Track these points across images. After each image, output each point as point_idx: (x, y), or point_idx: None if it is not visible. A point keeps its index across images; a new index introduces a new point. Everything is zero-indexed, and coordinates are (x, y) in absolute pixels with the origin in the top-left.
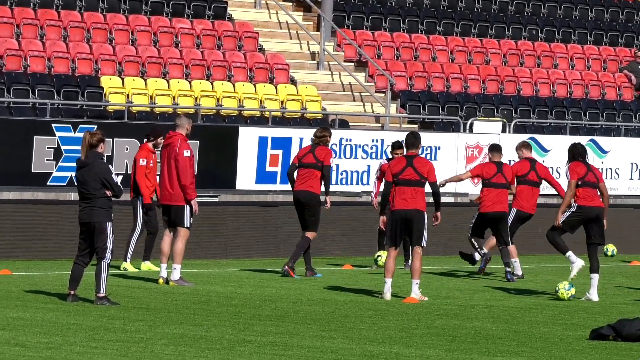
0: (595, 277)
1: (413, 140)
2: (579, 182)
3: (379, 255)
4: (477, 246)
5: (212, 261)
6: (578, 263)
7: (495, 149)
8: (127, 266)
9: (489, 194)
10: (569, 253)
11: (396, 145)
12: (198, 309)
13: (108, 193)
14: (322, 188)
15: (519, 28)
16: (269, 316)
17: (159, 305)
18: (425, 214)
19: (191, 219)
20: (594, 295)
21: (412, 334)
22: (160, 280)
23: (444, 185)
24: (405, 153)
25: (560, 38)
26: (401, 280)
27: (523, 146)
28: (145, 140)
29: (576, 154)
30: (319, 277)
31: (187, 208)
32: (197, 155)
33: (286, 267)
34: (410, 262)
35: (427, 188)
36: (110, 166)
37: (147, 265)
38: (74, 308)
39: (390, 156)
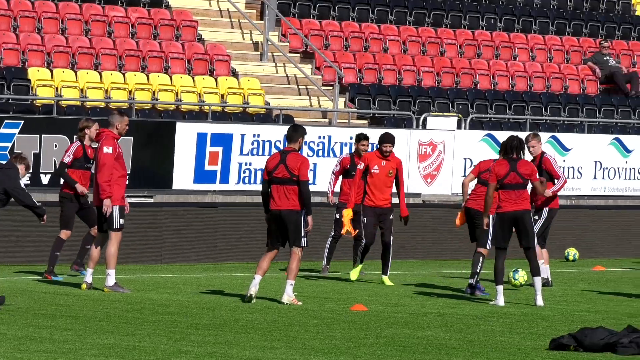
0: (537, 280)
1: (292, 133)
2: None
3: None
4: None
5: (146, 266)
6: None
7: None
8: None
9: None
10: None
11: (362, 137)
12: (131, 318)
13: None
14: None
15: (476, 17)
16: (207, 325)
17: (89, 314)
18: (302, 213)
19: (121, 219)
20: (538, 299)
21: (360, 344)
22: (84, 286)
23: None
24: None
25: (520, 27)
26: (349, 286)
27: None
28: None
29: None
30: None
31: (116, 208)
32: (130, 153)
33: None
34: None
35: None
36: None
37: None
38: None
39: (354, 149)
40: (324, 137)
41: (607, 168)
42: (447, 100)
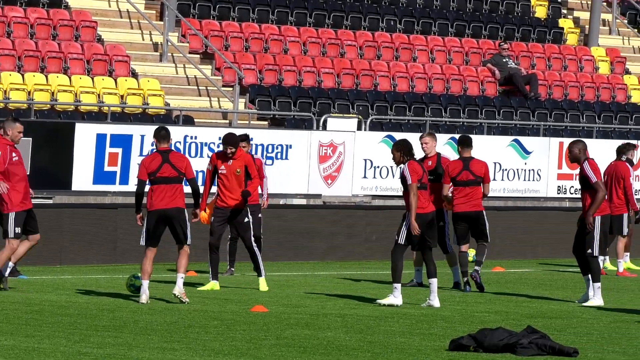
0: (434, 281)
1: (165, 133)
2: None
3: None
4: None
5: (45, 267)
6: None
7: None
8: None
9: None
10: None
11: (241, 138)
12: (30, 319)
13: None
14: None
15: (375, 19)
16: (107, 326)
17: None
18: (185, 211)
19: (17, 228)
20: (435, 301)
21: (261, 345)
22: None
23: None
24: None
25: (420, 29)
26: (250, 287)
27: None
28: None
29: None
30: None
31: (12, 215)
32: (29, 154)
33: None
34: None
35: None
36: None
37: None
38: None
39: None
40: None
41: (506, 169)
42: (347, 101)
